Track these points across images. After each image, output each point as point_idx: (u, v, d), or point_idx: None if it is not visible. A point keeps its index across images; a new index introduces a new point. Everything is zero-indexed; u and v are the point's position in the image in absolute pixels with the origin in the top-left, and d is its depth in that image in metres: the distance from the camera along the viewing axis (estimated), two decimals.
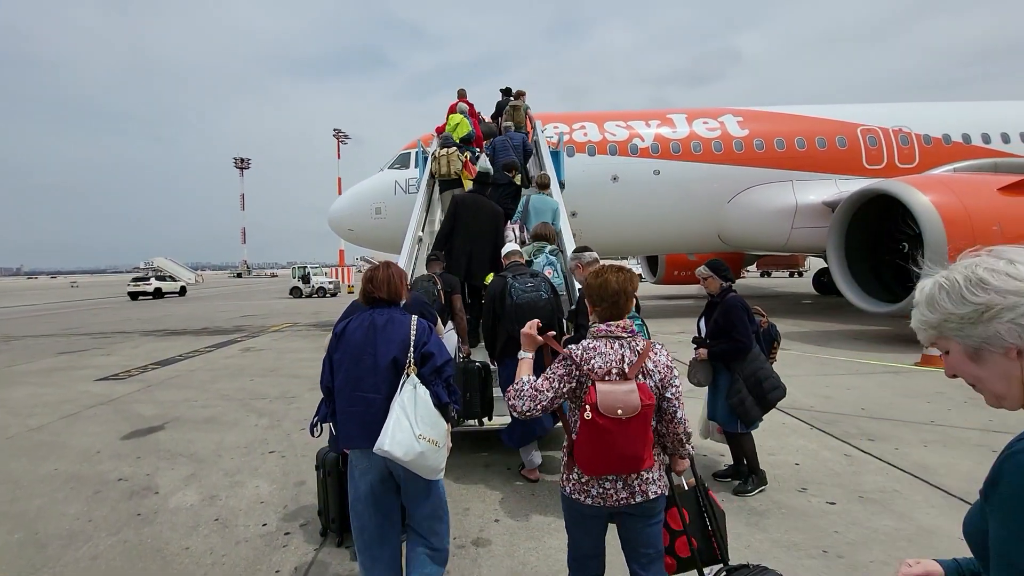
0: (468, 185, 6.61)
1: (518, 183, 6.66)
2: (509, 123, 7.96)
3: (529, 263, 4.39)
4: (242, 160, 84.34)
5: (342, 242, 37.92)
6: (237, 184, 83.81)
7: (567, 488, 1.96)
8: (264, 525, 3.40)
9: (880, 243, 10.91)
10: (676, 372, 1.97)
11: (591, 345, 1.93)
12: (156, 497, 3.86)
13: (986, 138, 14.47)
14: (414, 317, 2.41)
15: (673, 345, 4.35)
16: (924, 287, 0.92)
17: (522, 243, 5.09)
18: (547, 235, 4.80)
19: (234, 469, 4.34)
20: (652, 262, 22.24)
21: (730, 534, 2.38)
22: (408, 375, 2.27)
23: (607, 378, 1.85)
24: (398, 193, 13.28)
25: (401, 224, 7.51)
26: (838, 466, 4.03)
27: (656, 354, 1.95)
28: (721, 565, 2.15)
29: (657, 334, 9.44)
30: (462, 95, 8.61)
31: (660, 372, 1.91)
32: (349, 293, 30.60)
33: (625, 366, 1.87)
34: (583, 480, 1.92)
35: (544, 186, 5.95)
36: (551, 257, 4.58)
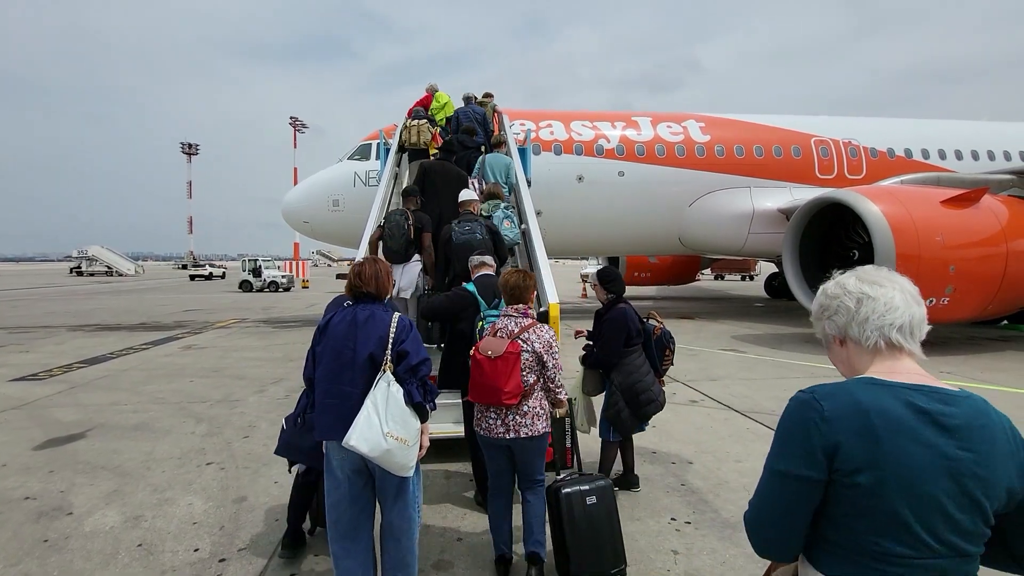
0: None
1: (480, 145, 7.28)
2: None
3: (487, 218, 4.91)
4: (190, 145, 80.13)
5: (297, 235, 36.57)
6: (184, 171, 79.67)
7: (474, 421, 2.84)
8: (196, 551, 3.02)
9: (830, 250, 11.29)
10: (556, 348, 2.81)
11: (499, 319, 2.89)
12: (69, 519, 3.39)
13: (925, 154, 15.33)
14: (396, 314, 2.45)
15: None
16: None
17: (481, 193, 5.70)
18: (497, 193, 5.39)
19: (164, 484, 3.89)
20: (613, 263, 22.44)
21: (703, 550, 3.00)
22: (384, 372, 2.32)
23: (495, 336, 2.78)
24: (358, 185, 12.75)
25: (360, 218, 7.16)
26: None
27: (539, 331, 2.78)
28: (573, 469, 3.20)
29: None
30: (431, 92, 8.54)
31: (539, 343, 2.74)
32: (304, 288, 29.48)
33: (507, 331, 2.77)
34: (477, 416, 2.80)
35: (497, 144, 6.86)
36: (508, 211, 5.17)
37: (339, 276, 23.89)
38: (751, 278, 39.45)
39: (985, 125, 16.84)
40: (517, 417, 2.67)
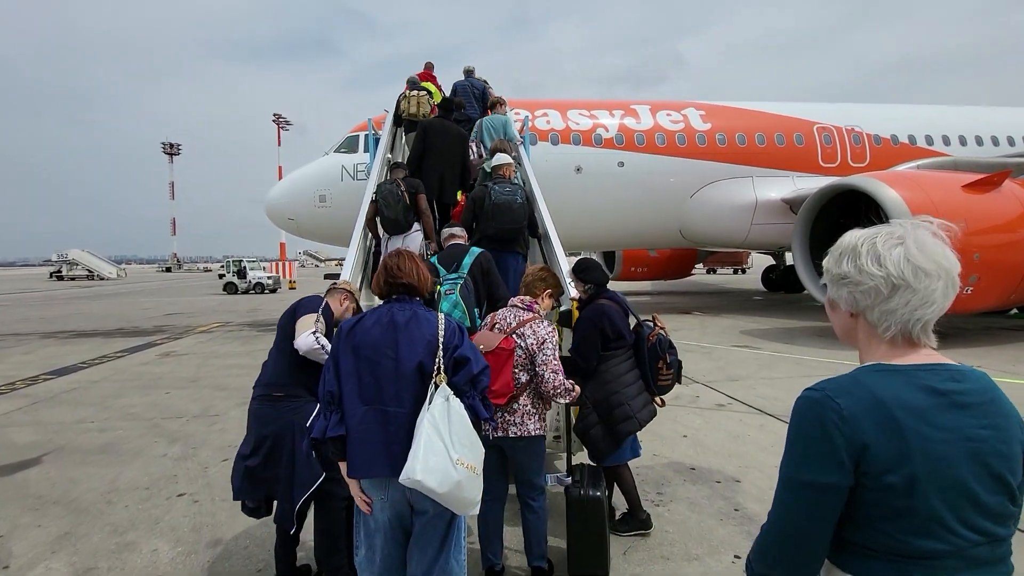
0: None
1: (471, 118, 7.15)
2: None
3: (488, 175, 4.83)
4: (172, 145, 78.71)
5: (283, 235, 35.68)
6: (166, 171, 78.08)
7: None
8: None
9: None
10: (549, 344, 2.55)
11: (501, 311, 2.74)
12: (2, 574, 2.80)
13: (929, 140, 14.99)
14: (442, 314, 2.06)
15: None
16: (844, 238, 1.08)
17: (479, 156, 5.69)
18: (503, 148, 5.17)
19: (126, 523, 3.30)
20: (608, 257, 21.95)
21: None
22: (438, 384, 1.89)
23: (492, 328, 2.63)
24: (345, 179, 12.09)
25: (349, 214, 6.65)
26: None
27: (536, 326, 2.58)
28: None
29: None
30: (430, 68, 8.18)
31: (532, 338, 2.54)
32: (291, 289, 28.67)
33: (505, 325, 2.61)
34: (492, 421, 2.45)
35: (493, 105, 6.74)
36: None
37: (327, 276, 23.08)
38: (743, 271, 39.28)
39: (984, 110, 16.55)
40: (506, 415, 2.50)
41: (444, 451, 1.79)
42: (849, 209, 10.29)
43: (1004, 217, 8.49)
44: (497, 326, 2.63)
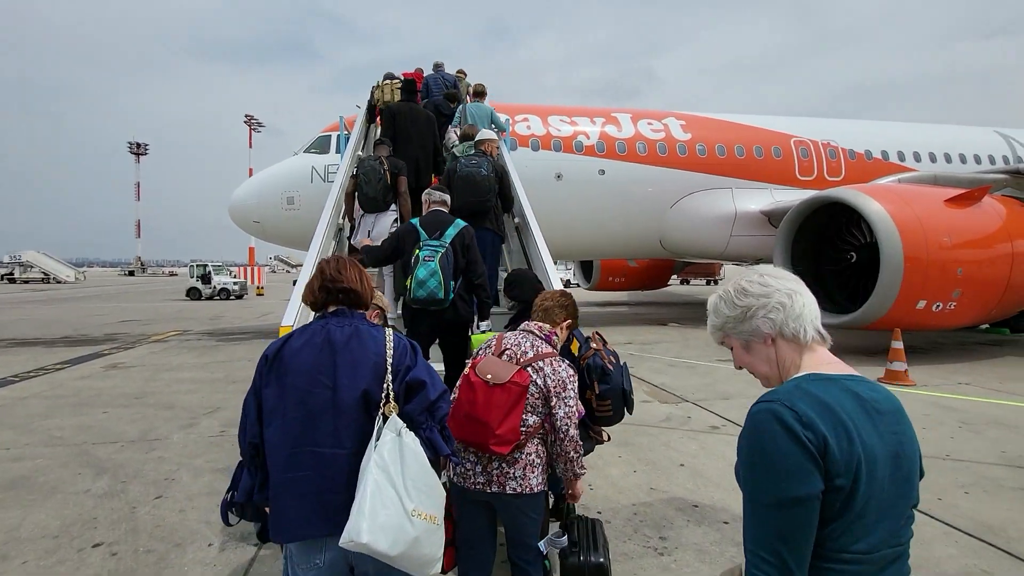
0: None
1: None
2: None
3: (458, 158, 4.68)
4: (138, 145, 75.94)
5: (253, 239, 34.40)
6: (132, 171, 75.23)
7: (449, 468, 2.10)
8: None
9: (823, 252, 10.79)
10: (573, 390, 2.05)
11: (512, 334, 2.23)
12: None
13: (901, 156, 15.26)
14: (388, 329, 1.70)
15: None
16: (710, 300, 1.19)
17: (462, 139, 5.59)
18: (471, 134, 5.12)
19: None
20: (586, 267, 21.72)
21: None
22: (387, 416, 1.56)
23: (501, 355, 2.10)
24: (315, 181, 11.47)
25: (319, 217, 6.17)
26: None
27: (556, 363, 2.07)
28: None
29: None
30: (419, 74, 8.01)
31: (552, 378, 2.03)
32: (258, 295, 27.59)
33: (519, 352, 2.10)
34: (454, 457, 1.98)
35: (478, 94, 6.76)
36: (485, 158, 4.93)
37: (296, 283, 22.21)
38: (716, 282, 39.71)
39: (952, 128, 16.97)
40: (504, 466, 2.02)
41: (396, 501, 1.45)
42: (831, 222, 10.22)
43: (985, 232, 8.45)
44: (508, 353, 2.11)
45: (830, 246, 10.73)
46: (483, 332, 3.37)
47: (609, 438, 2.70)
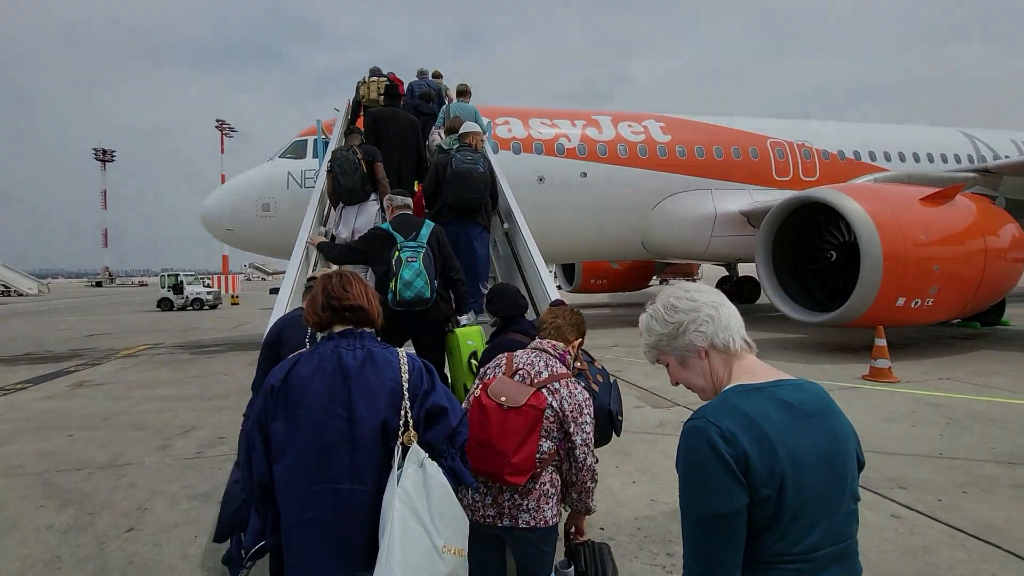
0: None
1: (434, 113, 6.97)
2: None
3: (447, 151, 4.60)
4: (104, 152, 73.65)
5: (227, 247, 33.50)
6: (98, 179, 72.86)
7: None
8: None
9: (800, 252, 10.92)
10: (590, 415, 1.94)
11: (523, 353, 2.08)
12: None
13: (872, 156, 15.64)
14: (401, 351, 1.61)
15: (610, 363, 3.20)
16: (641, 319, 1.24)
17: (447, 132, 5.50)
18: (455, 127, 4.99)
19: None
20: (568, 269, 21.70)
21: None
22: (407, 446, 1.47)
23: (513, 376, 1.97)
24: (292, 187, 11.17)
25: (295, 224, 5.95)
26: (896, 535, 3.09)
27: (572, 386, 1.96)
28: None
29: (591, 349, 8.29)
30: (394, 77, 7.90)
31: (569, 401, 1.91)
32: (233, 305, 26.86)
33: (533, 372, 1.95)
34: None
35: (462, 94, 6.72)
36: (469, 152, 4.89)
37: (273, 291, 21.64)
38: (694, 282, 40.21)
39: (921, 129, 17.48)
40: (516, 497, 1.87)
41: (425, 537, 1.38)
42: (811, 222, 10.35)
43: (959, 229, 8.65)
44: (520, 372, 1.96)
45: (810, 245, 10.88)
46: (464, 326, 3.37)
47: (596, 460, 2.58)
